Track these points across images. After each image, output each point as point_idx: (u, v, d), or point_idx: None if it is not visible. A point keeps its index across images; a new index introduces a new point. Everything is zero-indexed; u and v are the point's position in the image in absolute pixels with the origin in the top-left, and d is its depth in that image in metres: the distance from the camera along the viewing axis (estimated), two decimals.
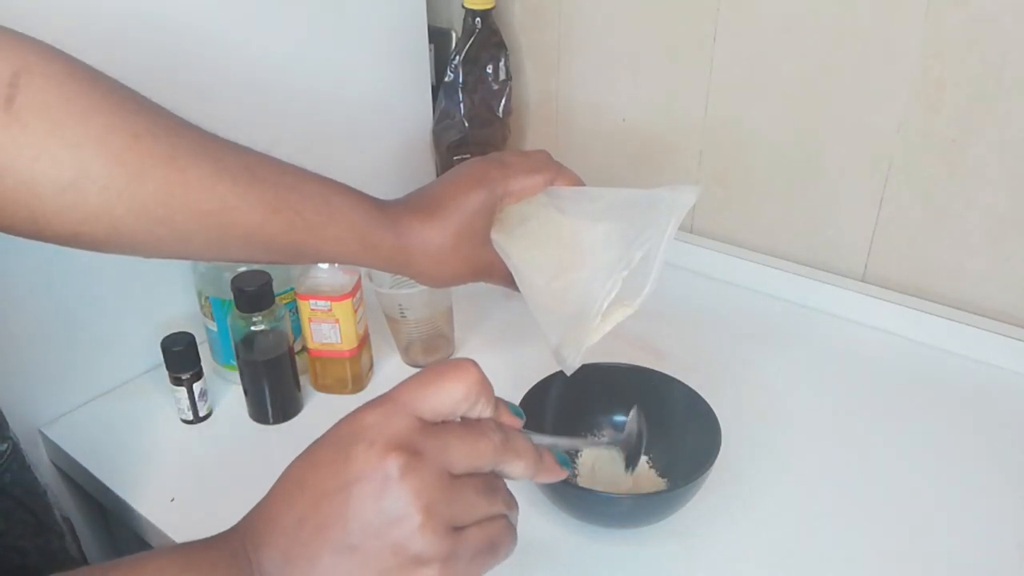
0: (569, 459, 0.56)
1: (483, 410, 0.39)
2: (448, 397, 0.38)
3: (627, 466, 0.56)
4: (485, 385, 0.39)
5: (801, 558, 0.57)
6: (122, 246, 0.48)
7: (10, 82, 0.43)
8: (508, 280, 0.59)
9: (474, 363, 0.39)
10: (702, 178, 0.89)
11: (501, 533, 0.39)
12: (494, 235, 0.58)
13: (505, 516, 0.39)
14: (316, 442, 0.39)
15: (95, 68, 0.47)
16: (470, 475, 0.38)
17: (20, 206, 0.44)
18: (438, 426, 0.38)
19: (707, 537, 0.58)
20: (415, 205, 0.57)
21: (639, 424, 0.55)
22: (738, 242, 0.89)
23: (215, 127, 0.50)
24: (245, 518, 0.39)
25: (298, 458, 0.38)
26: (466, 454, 0.37)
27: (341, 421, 0.38)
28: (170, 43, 0.67)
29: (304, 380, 0.73)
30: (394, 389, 0.38)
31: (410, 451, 0.36)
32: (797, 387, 0.73)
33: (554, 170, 0.59)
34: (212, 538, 0.39)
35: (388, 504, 0.35)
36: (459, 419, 0.39)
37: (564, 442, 0.54)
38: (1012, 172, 0.71)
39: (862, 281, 0.82)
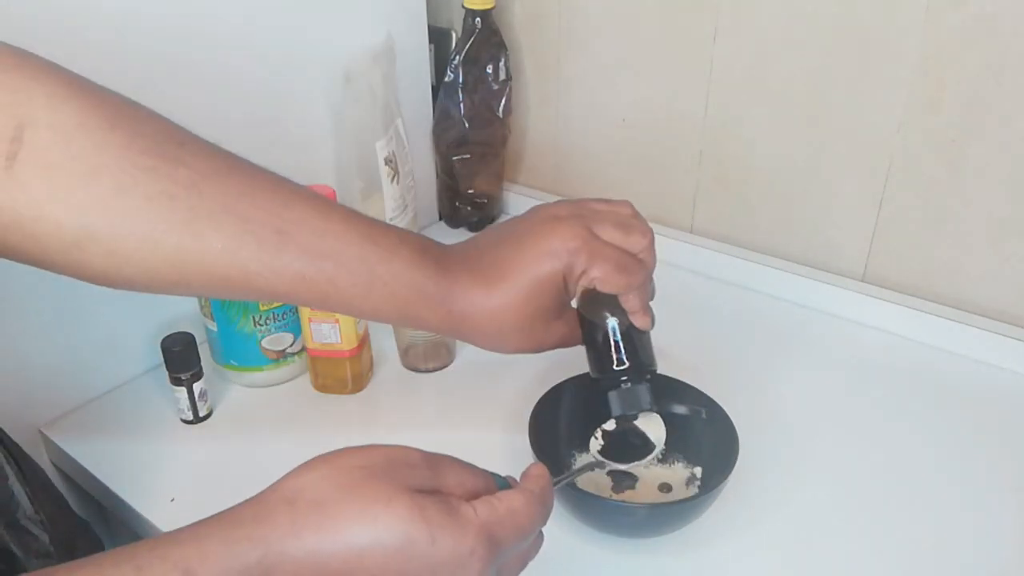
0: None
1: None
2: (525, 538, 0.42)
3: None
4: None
5: (803, 560, 0.57)
6: (138, 291, 0.47)
7: (13, 136, 0.41)
8: (579, 340, 0.55)
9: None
10: (702, 178, 0.89)
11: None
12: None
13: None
14: (386, 543, 0.37)
15: (117, 106, 0.44)
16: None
17: (30, 257, 0.44)
18: (511, 548, 0.40)
19: (715, 546, 0.58)
20: (476, 266, 0.51)
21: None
22: (738, 242, 0.89)
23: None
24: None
25: (368, 544, 0.37)
26: (521, 562, 0.43)
27: (433, 548, 0.37)
28: (165, 41, 0.67)
29: (304, 380, 0.74)
30: (492, 528, 0.39)
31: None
32: (797, 387, 0.73)
33: (644, 275, 0.52)
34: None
35: None
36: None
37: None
38: (1012, 172, 0.71)
39: (862, 281, 0.82)
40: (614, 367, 0.54)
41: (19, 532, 0.52)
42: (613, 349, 0.54)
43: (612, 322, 0.54)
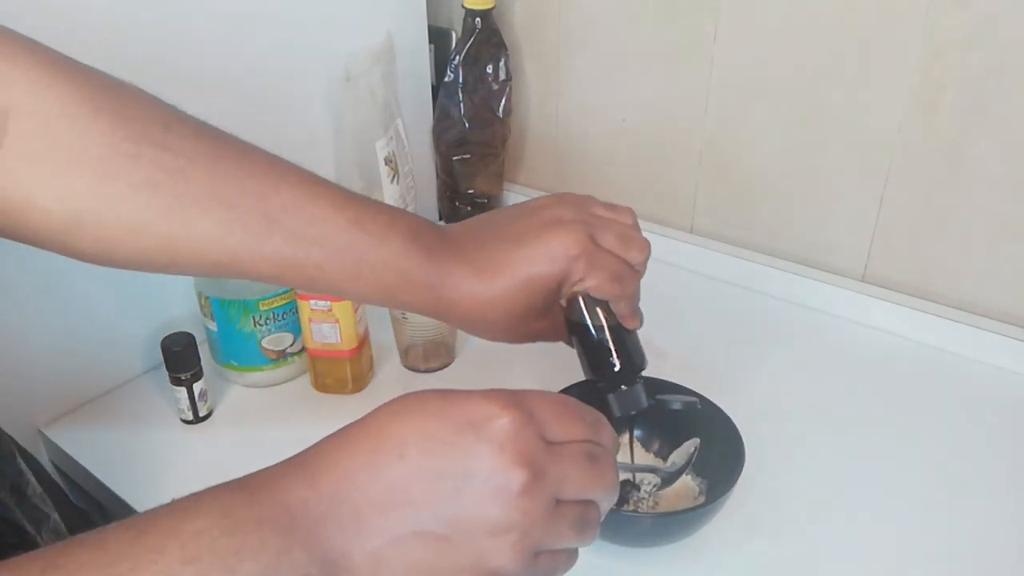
0: None
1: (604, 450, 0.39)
2: (579, 432, 0.37)
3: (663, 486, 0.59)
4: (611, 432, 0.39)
5: (802, 559, 0.57)
6: (134, 270, 0.47)
7: None
8: (560, 336, 0.55)
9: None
10: (702, 178, 0.89)
11: (565, 563, 0.38)
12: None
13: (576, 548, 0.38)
14: (427, 411, 0.36)
15: (100, 88, 0.44)
16: (572, 503, 0.37)
17: (25, 240, 0.44)
18: (562, 450, 0.36)
19: (717, 551, 0.58)
20: (471, 257, 0.50)
21: (691, 456, 0.57)
22: (738, 242, 0.89)
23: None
24: (300, 462, 0.37)
25: (396, 417, 0.36)
26: (580, 487, 0.37)
27: (460, 404, 0.36)
28: (164, 41, 0.67)
29: (304, 380, 0.73)
30: (528, 398, 0.37)
31: (535, 471, 0.34)
32: (797, 387, 0.73)
33: (636, 286, 0.53)
34: (252, 484, 0.36)
35: (495, 513, 0.34)
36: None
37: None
38: (1012, 173, 0.71)
39: (862, 281, 0.82)
40: (611, 370, 0.54)
41: (30, 509, 0.52)
42: (608, 352, 0.54)
43: (605, 327, 0.54)
